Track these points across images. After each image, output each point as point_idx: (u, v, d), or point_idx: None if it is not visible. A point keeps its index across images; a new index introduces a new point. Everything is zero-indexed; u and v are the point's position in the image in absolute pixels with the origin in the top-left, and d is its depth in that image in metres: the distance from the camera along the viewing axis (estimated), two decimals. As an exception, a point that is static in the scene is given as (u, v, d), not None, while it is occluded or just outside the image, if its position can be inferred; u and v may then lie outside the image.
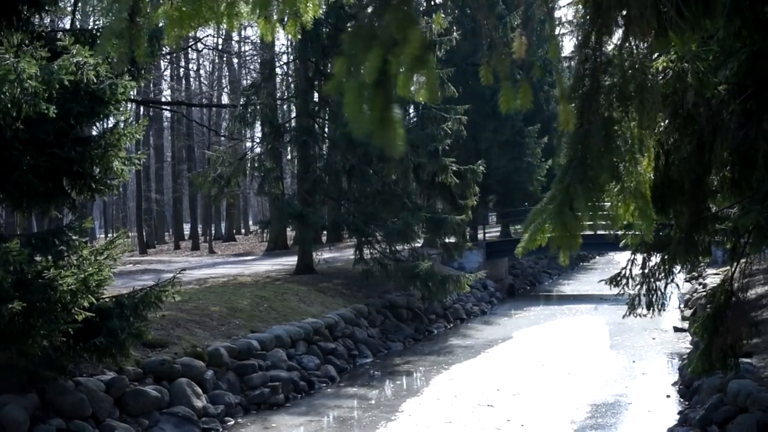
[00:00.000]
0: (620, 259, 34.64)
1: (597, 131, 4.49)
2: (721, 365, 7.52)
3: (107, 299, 9.72)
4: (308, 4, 3.51)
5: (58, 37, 9.87)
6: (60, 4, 10.01)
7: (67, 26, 19.99)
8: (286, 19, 3.94)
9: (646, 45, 4.67)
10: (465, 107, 21.81)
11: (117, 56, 3.67)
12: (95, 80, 8.43)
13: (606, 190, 4.65)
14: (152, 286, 10.13)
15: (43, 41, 9.21)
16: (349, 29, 3.30)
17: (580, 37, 4.65)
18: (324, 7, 21.50)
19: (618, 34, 4.65)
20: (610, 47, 4.72)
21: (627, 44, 4.62)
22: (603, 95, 4.58)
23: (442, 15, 20.13)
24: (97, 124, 9.92)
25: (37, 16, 9.90)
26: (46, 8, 9.69)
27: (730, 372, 8.16)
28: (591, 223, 4.99)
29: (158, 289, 9.98)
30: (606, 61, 4.58)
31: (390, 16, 2.97)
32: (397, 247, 19.97)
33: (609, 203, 4.84)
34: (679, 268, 8.82)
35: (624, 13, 4.42)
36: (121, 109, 9.54)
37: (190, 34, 27.98)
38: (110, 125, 9.70)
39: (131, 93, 9.43)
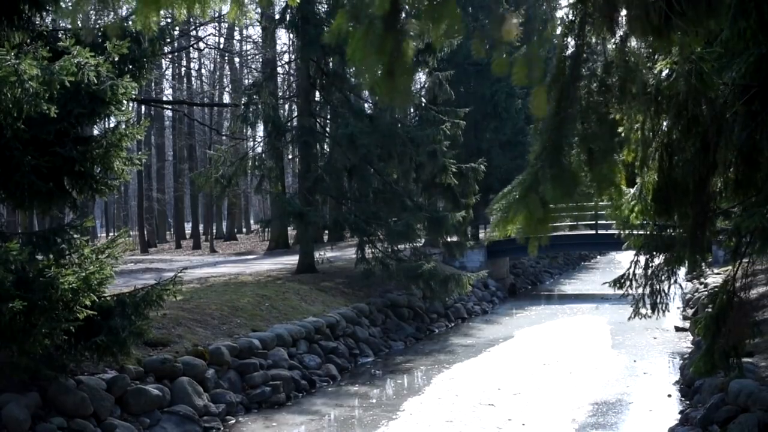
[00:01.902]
0: (621, 258, 34.62)
1: (572, 119, 4.44)
2: (723, 366, 7.50)
3: (108, 298, 9.72)
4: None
5: (59, 36, 9.87)
6: (61, 4, 9.96)
7: (69, 25, 19.97)
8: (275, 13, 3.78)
9: (643, 43, 4.64)
10: (465, 110, 21.81)
11: (85, 30, 3.50)
12: (96, 81, 8.42)
13: (577, 177, 4.54)
14: (153, 285, 10.13)
15: (44, 41, 9.22)
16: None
17: (563, 26, 4.63)
18: (324, 5, 21.53)
19: (608, 29, 4.63)
20: (593, 39, 4.69)
21: (620, 42, 4.59)
22: (584, 84, 4.53)
23: None
24: (99, 123, 9.91)
25: (38, 16, 9.88)
26: (48, 8, 9.68)
27: (733, 373, 8.14)
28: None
29: (159, 288, 9.98)
30: (588, 51, 4.54)
31: None
32: (398, 247, 19.97)
33: (585, 195, 4.75)
34: (682, 269, 8.81)
35: (624, 11, 4.39)
36: (123, 109, 9.54)
37: (191, 33, 27.97)
38: (112, 125, 9.69)
39: (132, 92, 9.38)
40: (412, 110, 23.47)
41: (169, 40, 11.74)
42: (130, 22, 10.31)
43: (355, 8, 2.78)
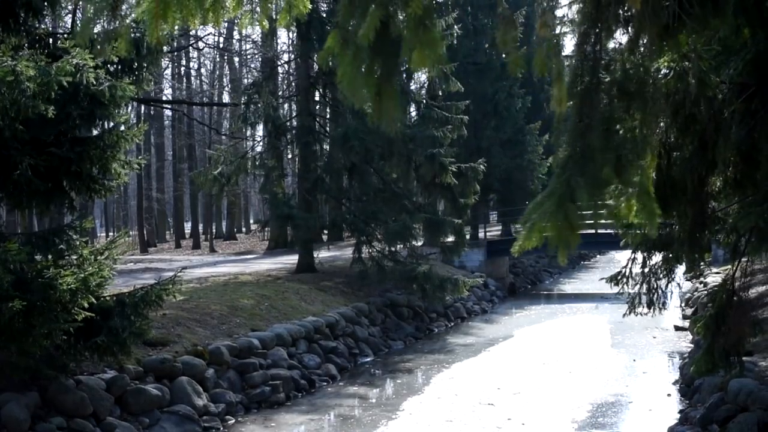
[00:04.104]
0: (621, 257, 34.56)
1: (597, 127, 4.44)
2: (724, 365, 7.50)
3: (108, 297, 9.71)
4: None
5: (58, 37, 9.87)
6: (59, 7, 9.97)
7: (68, 25, 19.96)
8: (275, 13, 3.77)
9: (651, 44, 4.64)
10: (465, 102, 21.75)
11: (100, 47, 3.48)
12: (94, 83, 8.41)
13: (608, 185, 4.56)
14: (153, 284, 10.13)
15: (42, 44, 9.23)
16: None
17: (579, 34, 4.62)
18: (324, 4, 21.51)
19: (619, 32, 4.63)
20: (611, 45, 4.69)
21: (630, 43, 4.59)
22: (603, 92, 4.54)
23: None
24: (98, 125, 9.89)
25: (35, 20, 9.86)
26: (44, 13, 9.70)
27: (733, 372, 8.14)
28: (591, 221, 4.93)
29: (159, 288, 9.97)
30: (607, 58, 4.54)
31: None
32: (396, 247, 19.94)
33: (610, 200, 4.75)
34: (680, 267, 8.82)
35: (627, 11, 4.39)
36: (121, 111, 9.54)
37: (190, 33, 27.96)
38: (110, 126, 9.68)
39: (131, 95, 9.35)
40: (413, 108, 23.43)
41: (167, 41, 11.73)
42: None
43: (345, 32, 2.85)
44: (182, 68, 41.27)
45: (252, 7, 3.63)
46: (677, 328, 17.92)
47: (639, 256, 8.96)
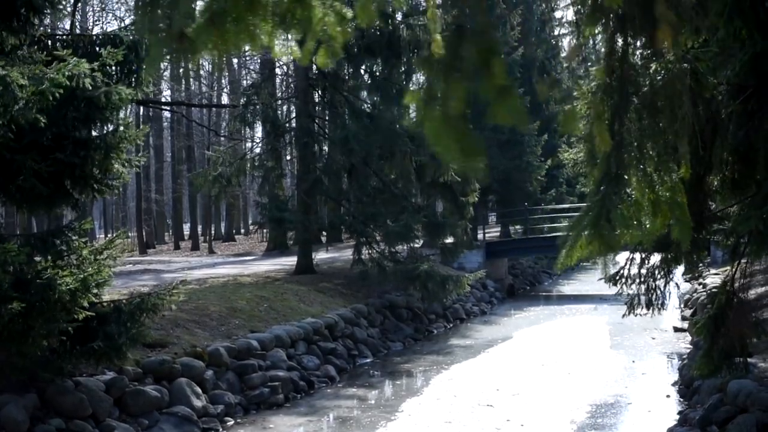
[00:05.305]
0: (620, 258, 34.60)
1: (628, 144, 4.46)
2: (726, 366, 7.50)
3: (105, 304, 9.71)
4: (338, 29, 3.30)
5: (57, 39, 9.87)
6: (60, 6, 9.95)
7: (67, 26, 19.98)
8: (315, 47, 3.74)
9: (666, 46, 4.63)
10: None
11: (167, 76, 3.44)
12: (90, 87, 8.39)
13: (642, 202, 4.61)
14: (149, 293, 10.12)
15: (41, 45, 9.22)
16: (421, 57, 3.27)
17: (606, 50, 4.59)
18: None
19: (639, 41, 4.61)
20: (629, 54, 4.68)
21: (653, 52, 4.58)
22: (633, 107, 4.55)
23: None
24: (96, 128, 9.90)
25: (36, 19, 9.86)
26: (45, 11, 9.69)
27: (737, 372, 8.14)
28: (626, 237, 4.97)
29: (155, 297, 9.96)
30: (633, 73, 4.54)
31: (471, 46, 2.90)
32: (396, 248, 19.94)
33: (644, 216, 4.79)
34: (679, 268, 8.83)
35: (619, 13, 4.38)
36: (120, 114, 9.54)
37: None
38: (111, 128, 9.68)
39: (129, 99, 9.34)
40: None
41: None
42: (126, 30, 10.41)
43: (429, 97, 3.05)
44: (181, 70, 41.25)
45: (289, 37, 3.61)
46: (676, 329, 17.92)
47: (637, 256, 8.96)
